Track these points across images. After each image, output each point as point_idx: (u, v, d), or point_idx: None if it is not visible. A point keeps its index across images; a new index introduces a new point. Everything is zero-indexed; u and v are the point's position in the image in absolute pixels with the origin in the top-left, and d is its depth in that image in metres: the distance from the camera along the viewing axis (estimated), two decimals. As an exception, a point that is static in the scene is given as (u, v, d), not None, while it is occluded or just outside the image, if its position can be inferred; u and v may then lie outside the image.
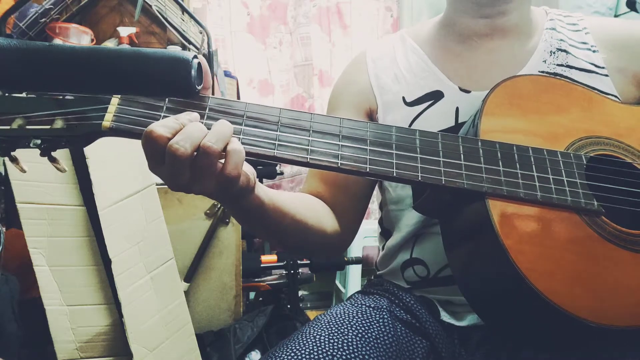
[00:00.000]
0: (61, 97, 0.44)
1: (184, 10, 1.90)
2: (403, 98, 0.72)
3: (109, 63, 0.43)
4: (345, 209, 0.72)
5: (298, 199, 0.66)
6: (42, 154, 0.45)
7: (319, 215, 0.67)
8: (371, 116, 0.75)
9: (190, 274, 1.54)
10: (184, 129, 0.43)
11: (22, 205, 1.15)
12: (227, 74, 2.09)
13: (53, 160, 0.47)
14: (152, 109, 0.46)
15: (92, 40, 1.82)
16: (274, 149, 0.47)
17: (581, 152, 0.56)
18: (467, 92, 0.69)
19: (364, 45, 0.81)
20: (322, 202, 0.71)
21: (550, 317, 0.48)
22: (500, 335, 0.62)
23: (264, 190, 0.54)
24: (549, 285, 0.47)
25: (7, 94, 0.44)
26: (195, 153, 0.43)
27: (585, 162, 0.55)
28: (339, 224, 0.71)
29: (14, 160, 0.46)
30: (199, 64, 0.46)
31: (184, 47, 1.93)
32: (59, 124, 0.44)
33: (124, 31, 1.88)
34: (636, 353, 0.54)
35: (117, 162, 1.22)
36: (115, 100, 0.45)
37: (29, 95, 0.44)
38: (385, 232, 0.79)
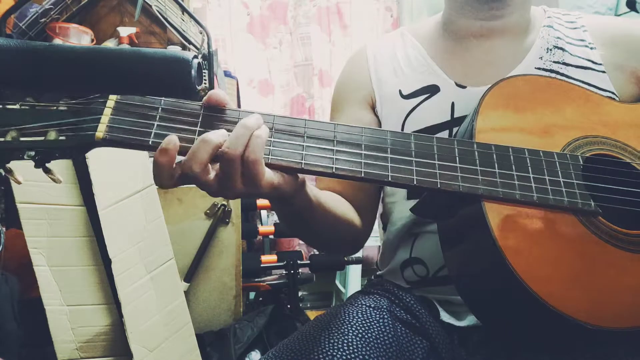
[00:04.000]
0: (54, 107, 0.44)
1: (184, 10, 1.90)
2: (400, 91, 0.73)
3: (109, 63, 0.43)
4: (362, 204, 0.73)
5: (330, 195, 0.66)
6: (36, 166, 0.45)
7: (347, 210, 0.68)
8: (374, 109, 0.76)
9: (190, 274, 1.54)
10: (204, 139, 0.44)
11: (22, 205, 1.15)
12: (227, 74, 2.09)
13: (47, 171, 0.46)
14: (145, 118, 0.46)
15: (92, 40, 1.83)
16: (269, 156, 0.47)
17: (578, 152, 0.56)
18: (463, 87, 0.70)
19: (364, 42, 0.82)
20: (341, 197, 0.72)
21: (548, 320, 0.48)
22: (499, 337, 0.62)
23: (311, 188, 0.55)
24: (546, 288, 0.47)
25: (0, 106, 0.43)
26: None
27: (582, 163, 0.55)
28: (358, 217, 0.71)
29: (9, 172, 0.46)
30: (199, 64, 0.46)
31: (184, 47, 1.93)
32: (52, 135, 0.44)
33: (124, 31, 1.88)
34: (635, 354, 0.54)
35: (117, 162, 1.22)
36: (108, 110, 0.45)
37: (22, 107, 0.44)
38: (384, 227, 0.79)
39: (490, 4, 0.69)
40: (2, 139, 0.43)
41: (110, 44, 1.88)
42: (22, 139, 0.43)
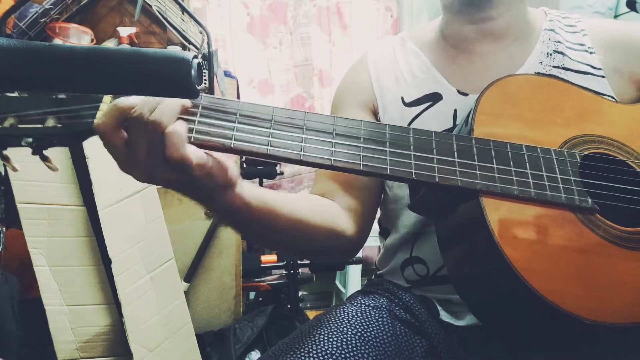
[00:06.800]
0: (54, 96, 0.44)
1: (184, 10, 1.90)
2: (402, 98, 0.73)
3: (108, 63, 0.43)
4: (358, 208, 0.71)
5: (301, 200, 0.65)
6: (33, 153, 0.45)
7: (325, 216, 0.65)
8: (376, 115, 0.76)
9: (190, 274, 1.54)
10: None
11: (22, 205, 1.15)
12: (227, 74, 2.09)
13: (45, 159, 0.46)
14: None
15: (92, 40, 1.82)
16: (267, 147, 0.47)
17: (575, 151, 0.56)
18: (465, 94, 0.70)
19: (364, 45, 0.82)
20: (333, 202, 0.70)
21: (547, 316, 0.49)
22: (497, 334, 0.62)
23: (251, 191, 0.53)
24: (544, 283, 0.48)
25: None
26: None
27: (579, 160, 0.55)
28: (352, 223, 0.69)
29: (6, 159, 0.46)
30: (199, 64, 0.46)
31: (184, 47, 1.93)
32: (50, 122, 0.44)
33: (124, 31, 1.88)
34: (633, 350, 0.54)
35: (117, 162, 1.22)
36: (107, 98, 0.45)
37: (21, 95, 0.44)
38: (384, 231, 0.79)
39: (476, 7, 0.68)
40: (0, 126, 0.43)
41: (110, 44, 1.88)
42: (20, 125, 0.43)
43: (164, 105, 0.44)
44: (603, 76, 0.67)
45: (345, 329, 0.62)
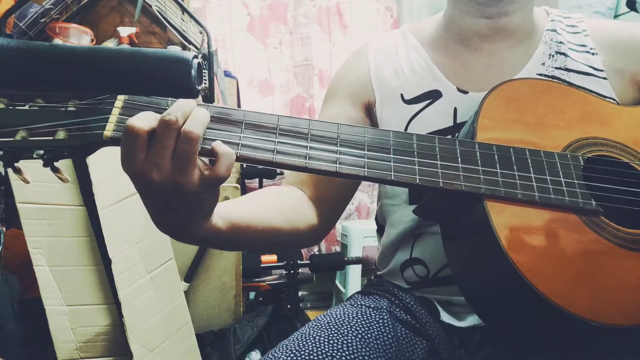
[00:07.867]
0: (63, 108, 0.45)
1: (184, 10, 1.90)
2: (401, 95, 0.72)
3: (108, 63, 0.43)
4: (328, 198, 0.71)
5: (264, 203, 0.63)
6: (45, 165, 0.46)
7: (289, 215, 0.65)
8: (369, 109, 0.75)
9: (190, 274, 1.54)
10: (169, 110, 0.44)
11: (22, 205, 1.15)
12: (227, 74, 2.09)
13: (55, 170, 0.47)
14: None
15: (92, 40, 1.82)
16: (273, 156, 0.48)
17: (578, 154, 0.56)
18: (465, 92, 0.69)
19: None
20: (299, 194, 0.69)
21: (552, 318, 0.49)
22: (503, 337, 0.62)
23: (219, 214, 0.52)
24: (550, 287, 0.48)
25: (10, 107, 0.44)
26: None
27: (582, 163, 0.55)
28: (317, 215, 0.69)
29: (18, 171, 0.47)
30: (199, 64, 0.46)
31: (184, 47, 1.93)
32: (61, 134, 0.45)
33: (124, 31, 1.88)
34: (633, 349, 0.54)
35: (117, 162, 1.22)
36: (116, 110, 0.46)
37: (31, 108, 0.45)
38: (380, 229, 0.79)
39: None
40: (11, 139, 0.44)
41: (110, 44, 1.88)
42: (31, 138, 0.44)
43: (198, 115, 0.44)
44: (605, 78, 0.67)
45: (345, 330, 0.62)
